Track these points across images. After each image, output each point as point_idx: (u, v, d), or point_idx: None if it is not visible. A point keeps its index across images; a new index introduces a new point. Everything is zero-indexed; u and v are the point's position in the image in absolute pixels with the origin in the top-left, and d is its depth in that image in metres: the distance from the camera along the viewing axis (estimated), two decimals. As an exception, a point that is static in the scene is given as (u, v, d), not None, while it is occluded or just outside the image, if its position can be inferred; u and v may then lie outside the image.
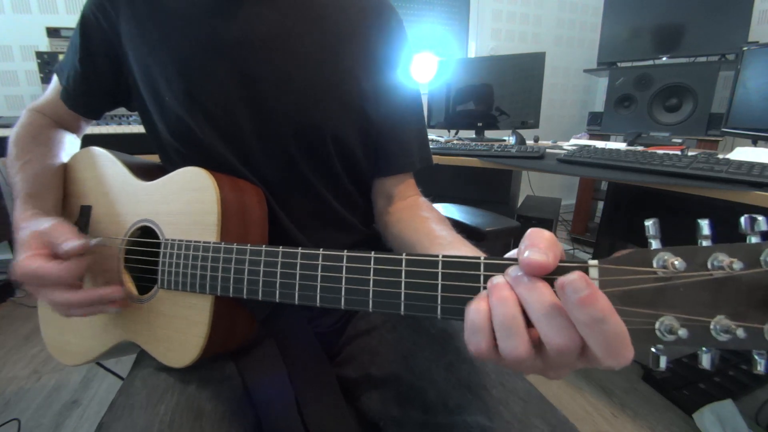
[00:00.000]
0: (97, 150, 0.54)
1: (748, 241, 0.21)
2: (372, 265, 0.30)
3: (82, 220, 0.52)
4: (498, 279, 0.25)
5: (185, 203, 0.44)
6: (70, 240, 0.41)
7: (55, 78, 0.58)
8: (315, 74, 0.50)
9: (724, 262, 0.21)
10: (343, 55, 0.51)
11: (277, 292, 0.35)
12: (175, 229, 0.44)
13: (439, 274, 0.27)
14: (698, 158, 0.92)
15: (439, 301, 0.27)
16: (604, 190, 2.31)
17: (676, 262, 0.22)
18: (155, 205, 0.47)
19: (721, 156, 1.01)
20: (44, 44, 1.78)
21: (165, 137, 0.50)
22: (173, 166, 0.47)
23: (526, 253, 0.24)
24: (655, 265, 0.22)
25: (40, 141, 0.55)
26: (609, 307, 0.21)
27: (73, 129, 0.61)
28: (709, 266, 0.21)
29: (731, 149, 1.13)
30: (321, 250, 0.33)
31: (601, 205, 2.42)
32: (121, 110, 0.60)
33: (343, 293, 0.31)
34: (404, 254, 0.29)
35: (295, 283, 0.34)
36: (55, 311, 0.43)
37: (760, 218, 0.21)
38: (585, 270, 0.24)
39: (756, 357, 0.22)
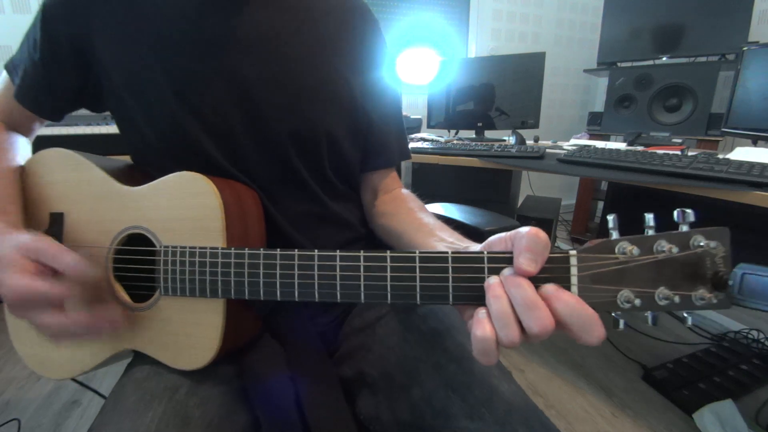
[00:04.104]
0: (63, 151, 0.49)
1: (680, 230, 0.28)
2: (389, 263, 0.33)
3: (54, 228, 0.48)
4: (493, 280, 0.31)
5: (184, 209, 0.43)
6: (67, 254, 0.36)
7: (4, 76, 0.54)
8: (304, 74, 0.50)
9: (666, 247, 0.28)
10: (329, 56, 0.52)
11: (296, 292, 0.36)
12: (174, 236, 0.43)
13: (450, 267, 0.32)
14: (698, 158, 0.92)
15: (450, 291, 0.32)
16: (604, 190, 2.31)
17: (633, 250, 0.28)
18: (146, 212, 0.45)
19: (721, 156, 1.01)
20: (44, 44, 1.77)
21: (150, 138, 0.49)
22: (156, 168, 0.46)
23: (520, 260, 0.29)
24: (617, 251, 0.29)
25: None
26: (576, 300, 0.28)
27: (25, 131, 0.56)
28: (655, 251, 0.28)
29: (731, 149, 1.13)
30: (338, 251, 0.35)
31: (601, 205, 2.42)
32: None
33: (362, 289, 0.34)
34: (417, 252, 0.33)
35: (314, 283, 0.36)
36: (41, 335, 0.39)
37: (689, 211, 0.28)
38: (567, 259, 0.30)
39: (685, 315, 0.29)
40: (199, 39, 0.47)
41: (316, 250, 0.35)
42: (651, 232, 0.29)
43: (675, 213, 0.28)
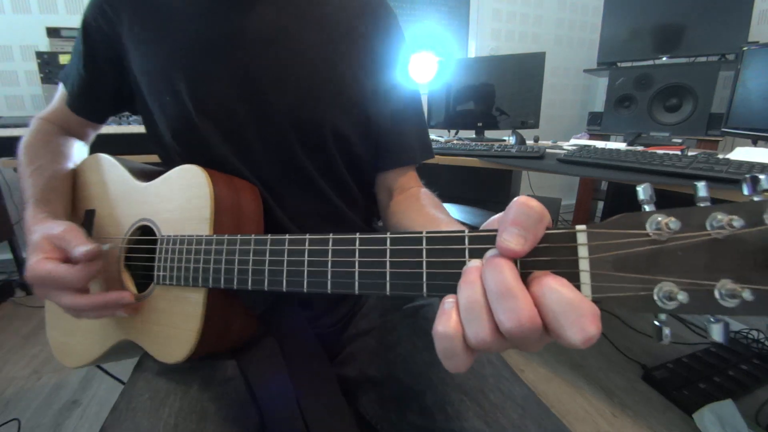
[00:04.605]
0: (102, 156, 0.55)
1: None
2: (357, 246, 0.29)
3: (86, 223, 0.53)
4: (472, 263, 0.24)
5: (180, 200, 0.45)
6: (82, 244, 0.40)
7: (60, 86, 0.59)
8: (313, 71, 0.50)
9: (724, 221, 0.19)
10: (341, 53, 0.52)
11: (266, 280, 0.35)
12: (171, 226, 0.45)
13: (424, 250, 0.27)
14: (698, 158, 0.92)
15: (424, 278, 0.27)
16: (604, 190, 2.31)
17: (670, 223, 0.20)
18: (153, 205, 0.47)
19: (721, 156, 1.01)
20: (44, 44, 1.78)
21: (166, 137, 0.51)
22: (173, 166, 0.48)
23: (504, 235, 0.23)
24: (648, 227, 0.21)
25: (50, 148, 0.55)
26: (559, 282, 0.21)
27: (81, 136, 0.62)
28: (708, 227, 0.20)
29: (731, 149, 1.13)
30: (307, 235, 0.32)
31: (601, 205, 2.42)
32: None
33: (329, 276, 0.31)
34: (388, 233, 0.28)
35: (282, 270, 0.34)
36: (66, 313, 0.43)
37: (762, 177, 0.19)
38: (573, 236, 0.23)
39: None
40: (211, 39, 0.48)
41: (287, 235, 0.34)
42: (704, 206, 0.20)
43: (744, 184, 0.20)
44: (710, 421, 1.03)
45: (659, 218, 0.20)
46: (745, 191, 0.20)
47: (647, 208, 0.21)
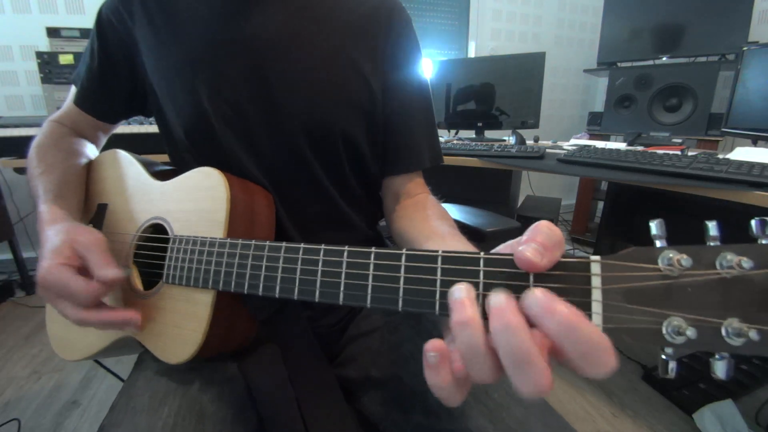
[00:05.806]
0: (120, 152, 0.56)
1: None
2: (372, 260, 0.30)
3: (98, 217, 0.54)
4: (460, 293, 0.24)
5: (196, 201, 0.45)
6: (109, 266, 0.39)
7: (72, 88, 0.59)
8: (324, 73, 0.50)
9: (734, 261, 0.20)
10: (351, 55, 0.52)
11: (278, 287, 0.35)
12: (184, 226, 0.45)
13: (439, 269, 0.27)
14: (698, 158, 0.92)
15: (437, 297, 0.27)
16: (604, 190, 2.31)
17: (682, 260, 0.21)
18: (167, 204, 0.48)
19: (721, 156, 1.01)
20: (44, 44, 1.78)
21: (179, 136, 0.51)
22: (185, 166, 0.48)
23: (523, 247, 0.23)
24: (660, 263, 0.21)
25: (61, 147, 0.56)
26: (576, 315, 0.21)
27: (92, 138, 0.61)
28: (718, 266, 0.20)
29: (731, 149, 1.13)
30: (322, 245, 0.32)
31: (601, 205, 2.42)
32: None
33: (342, 288, 0.31)
34: (404, 249, 0.28)
35: (295, 278, 0.34)
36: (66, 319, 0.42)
37: None
38: (586, 266, 0.23)
39: None
40: (223, 39, 0.49)
41: (302, 244, 0.34)
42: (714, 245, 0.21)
43: (753, 223, 0.20)
44: (710, 421, 1.03)
45: (671, 254, 0.21)
46: (754, 231, 0.20)
47: (659, 243, 0.22)
